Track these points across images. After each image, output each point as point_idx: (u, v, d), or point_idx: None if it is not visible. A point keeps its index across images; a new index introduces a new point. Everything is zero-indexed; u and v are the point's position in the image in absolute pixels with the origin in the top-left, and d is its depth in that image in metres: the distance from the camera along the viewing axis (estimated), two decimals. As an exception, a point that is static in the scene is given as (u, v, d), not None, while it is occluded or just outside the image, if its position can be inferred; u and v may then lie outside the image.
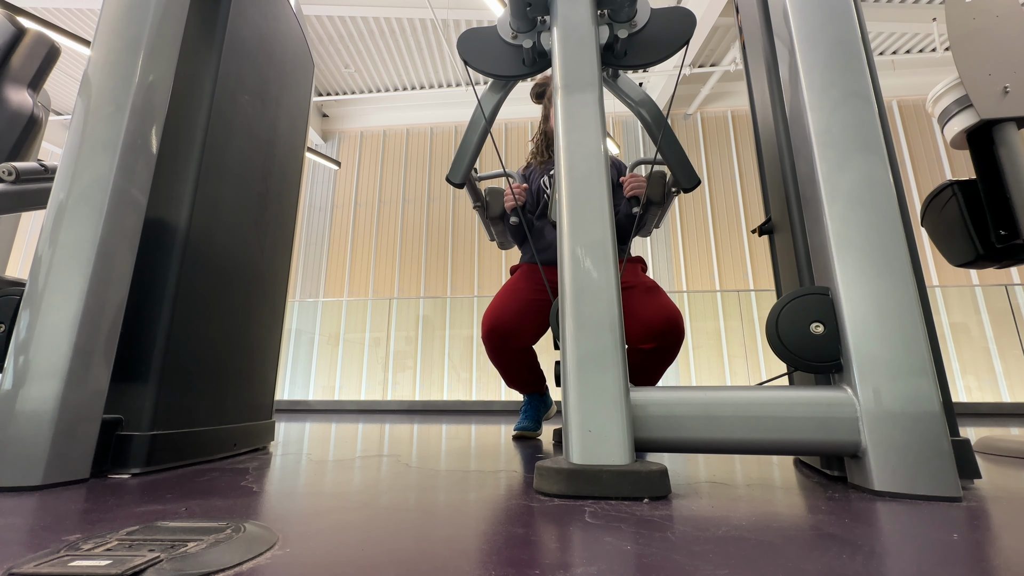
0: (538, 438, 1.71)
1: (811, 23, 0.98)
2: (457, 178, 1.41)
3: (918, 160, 5.88)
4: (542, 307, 1.60)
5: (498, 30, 1.23)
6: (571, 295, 0.88)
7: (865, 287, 0.83)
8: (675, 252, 6.03)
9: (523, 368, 1.65)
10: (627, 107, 1.39)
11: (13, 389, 0.83)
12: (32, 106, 1.72)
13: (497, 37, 1.23)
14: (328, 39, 5.71)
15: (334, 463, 1.12)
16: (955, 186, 1.27)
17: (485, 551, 0.50)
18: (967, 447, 0.84)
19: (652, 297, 1.48)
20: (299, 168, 1.68)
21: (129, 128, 0.99)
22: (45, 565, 0.42)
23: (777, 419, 0.82)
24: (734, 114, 6.37)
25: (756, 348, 4.92)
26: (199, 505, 0.70)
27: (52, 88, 6.10)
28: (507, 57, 1.23)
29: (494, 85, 1.36)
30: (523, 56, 1.19)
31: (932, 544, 0.52)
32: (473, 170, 1.58)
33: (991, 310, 4.63)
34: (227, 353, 1.24)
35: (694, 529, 0.58)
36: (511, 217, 1.63)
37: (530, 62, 1.20)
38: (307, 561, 0.47)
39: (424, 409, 4.04)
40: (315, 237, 6.65)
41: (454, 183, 1.41)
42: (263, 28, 1.44)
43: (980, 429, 2.20)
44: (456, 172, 1.40)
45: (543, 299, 1.60)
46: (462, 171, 1.40)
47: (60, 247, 0.91)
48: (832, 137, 0.91)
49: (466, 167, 1.39)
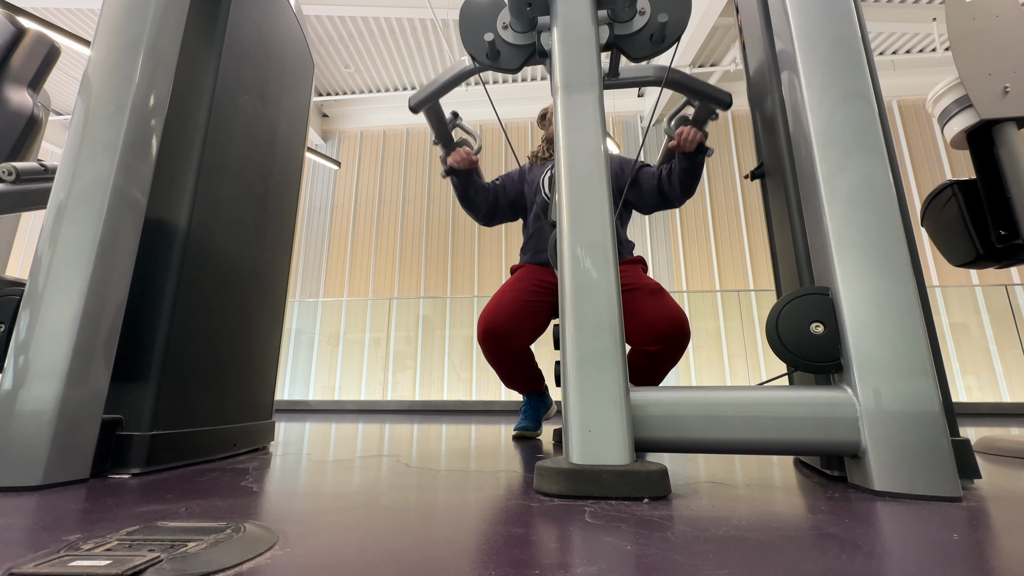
0: (538, 438, 1.71)
1: (811, 23, 0.98)
2: (415, 102, 1.35)
3: (918, 160, 5.88)
4: (539, 308, 1.59)
5: (498, 26, 1.23)
6: (571, 295, 0.88)
7: (865, 287, 0.83)
8: (675, 252, 6.03)
9: (521, 368, 1.64)
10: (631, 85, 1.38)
11: (13, 389, 0.83)
12: (32, 106, 1.72)
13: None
14: (328, 39, 5.71)
15: (334, 463, 1.12)
16: (955, 186, 1.27)
17: (485, 551, 0.50)
18: (967, 447, 0.84)
19: (657, 299, 1.46)
20: (299, 168, 1.68)
21: (129, 128, 0.99)
22: (45, 565, 0.42)
23: (777, 419, 0.82)
24: (734, 114, 6.37)
25: (756, 348, 4.92)
26: (199, 505, 0.70)
27: (52, 88, 6.10)
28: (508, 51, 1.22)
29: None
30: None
31: (932, 544, 0.52)
32: (454, 115, 1.54)
33: (991, 310, 4.63)
34: (227, 353, 1.24)
35: (694, 529, 0.58)
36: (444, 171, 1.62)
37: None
38: (307, 561, 0.47)
39: (424, 409, 4.04)
40: (315, 237, 6.65)
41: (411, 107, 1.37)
42: (263, 28, 1.43)
43: (980, 429, 2.20)
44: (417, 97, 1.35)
45: (540, 300, 1.59)
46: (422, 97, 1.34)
47: (60, 247, 0.91)
48: (832, 137, 0.91)
49: (428, 94, 1.34)
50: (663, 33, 1.13)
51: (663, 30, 1.12)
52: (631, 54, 1.15)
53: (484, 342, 1.56)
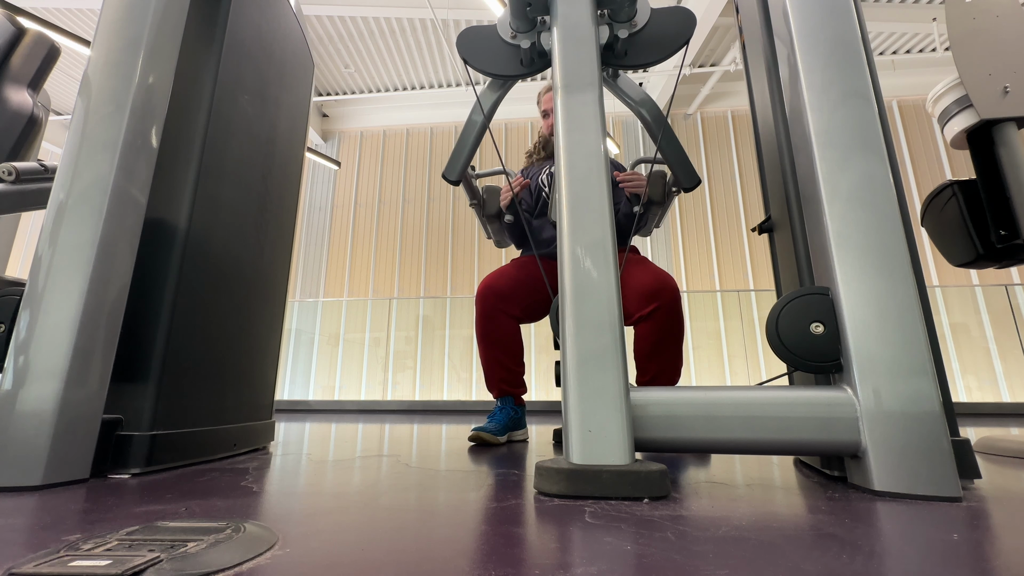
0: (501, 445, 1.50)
1: (811, 23, 0.98)
2: (453, 175, 1.40)
3: (918, 160, 5.88)
4: (537, 289, 1.61)
5: (498, 30, 1.23)
6: (571, 295, 0.88)
7: (865, 287, 0.83)
8: (675, 252, 6.03)
9: (508, 347, 1.58)
10: (627, 107, 1.39)
11: (13, 389, 0.83)
12: (32, 106, 1.72)
13: (497, 36, 1.23)
14: (328, 39, 5.71)
15: (334, 463, 1.12)
16: (955, 186, 1.27)
17: (485, 551, 0.50)
18: (967, 447, 0.84)
19: (641, 267, 1.50)
20: (299, 168, 1.68)
21: (129, 128, 0.99)
22: (45, 565, 0.42)
23: (777, 419, 0.82)
24: (734, 114, 6.37)
25: (756, 348, 4.92)
26: (199, 505, 0.70)
27: (52, 88, 6.10)
28: (506, 57, 1.23)
29: (493, 84, 1.36)
30: (522, 56, 1.19)
31: (932, 544, 0.52)
32: (471, 168, 1.58)
33: (991, 310, 4.63)
34: (227, 353, 1.24)
35: (694, 529, 0.58)
36: (506, 215, 1.63)
37: (528, 62, 1.19)
38: (307, 561, 0.47)
39: (424, 409, 4.04)
40: (315, 237, 6.65)
41: (450, 180, 1.41)
42: (263, 28, 1.43)
43: (980, 429, 2.20)
44: (452, 169, 1.39)
45: (540, 284, 1.61)
46: (458, 168, 1.39)
47: (60, 247, 0.91)
48: (832, 137, 0.91)
49: (462, 164, 1.39)
50: (664, 39, 1.14)
51: (664, 37, 1.13)
52: (632, 61, 1.15)
53: (482, 301, 1.57)
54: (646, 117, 1.36)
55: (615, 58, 1.15)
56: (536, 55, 1.18)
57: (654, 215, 1.66)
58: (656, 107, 1.38)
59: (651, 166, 1.50)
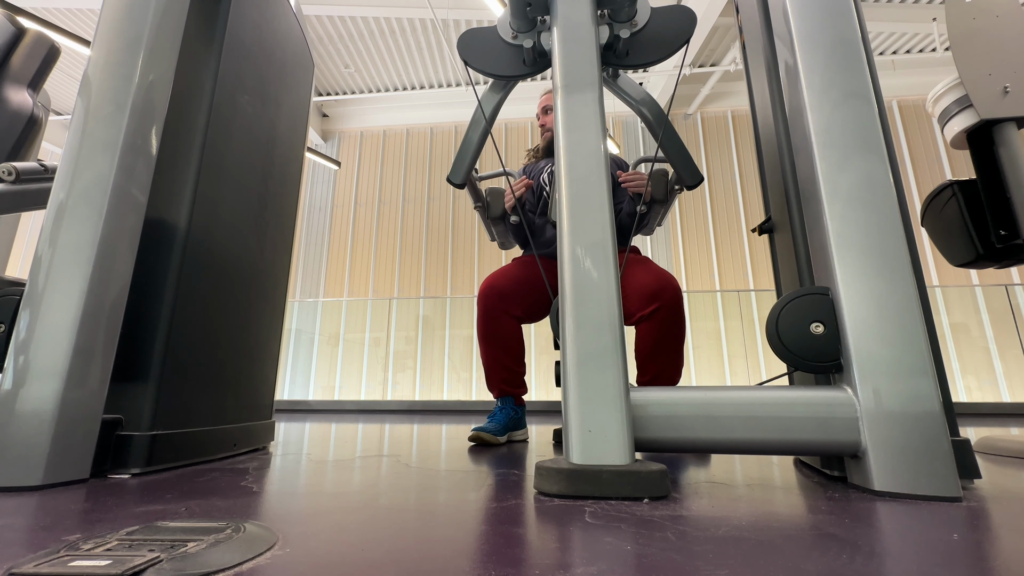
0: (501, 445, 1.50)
1: (811, 23, 0.98)
2: (458, 178, 1.41)
3: (918, 160, 5.88)
4: (540, 287, 1.61)
5: (498, 30, 1.23)
6: (571, 295, 0.88)
7: (865, 287, 0.83)
8: (675, 252, 6.02)
9: (509, 347, 1.58)
10: (628, 106, 1.39)
11: (13, 389, 0.83)
12: (32, 106, 1.72)
13: (497, 37, 1.23)
14: (328, 39, 5.71)
15: (334, 463, 1.12)
16: (955, 186, 1.27)
17: (485, 551, 0.50)
18: (967, 447, 0.84)
19: (642, 267, 1.50)
20: (299, 168, 1.68)
21: (129, 128, 0.99)
22: (45, 565, 0.42)
23: (777, 419, 0.82)
24: (734, 114, 6.37)
25: (756, 348, 4.92)
26: (199, 505, 0.70)
27: (52, 88, 6.10)
28: (507, 57, 1.23)
29: (494, 85, 1.36)
30: (523, 56, 1.19)
31: (932, 544, 0.52)
32: (474, 170, 1.59)
33: (991, 310, 4.63)
34: (227, 353, 1.24)
35: (694, 529, 0.58)
36: (511, 216, 1.63)
37: (530, 62, 1.19)
38: (307, 561, 0.47)
39: (424, 409, 4.04)
40: (315, 237, 6.65)
41: (455, 183, 1.42)
42: (263, 28, 1.43)
43: (980, 429, 2.20)
44: (457, 172, 1.40)
45: (540, 285, 1.61)
46: (463, 171, 1.40)
47: (60, 247, 0.91)
48: (832, 137, 0.90)
49: (467, 167, 1.39)
50: (664, 39, 1.14)
51: (664, 37, 1.13)
52: (632, 61, 1.16)
53: (484, 300, 1.57)
54: (647, 116, 1.36)
55: (615, 58, 1.15)
56: (537, 55, 1.18)
57: (656, 214, 1.66)
58: (657, 105, 1.38)
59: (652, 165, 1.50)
